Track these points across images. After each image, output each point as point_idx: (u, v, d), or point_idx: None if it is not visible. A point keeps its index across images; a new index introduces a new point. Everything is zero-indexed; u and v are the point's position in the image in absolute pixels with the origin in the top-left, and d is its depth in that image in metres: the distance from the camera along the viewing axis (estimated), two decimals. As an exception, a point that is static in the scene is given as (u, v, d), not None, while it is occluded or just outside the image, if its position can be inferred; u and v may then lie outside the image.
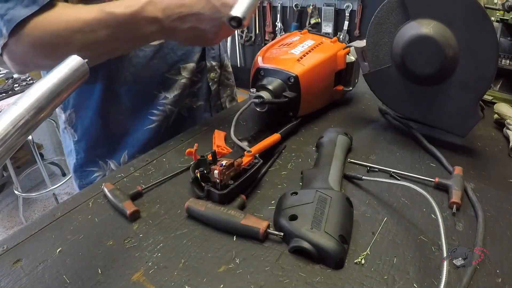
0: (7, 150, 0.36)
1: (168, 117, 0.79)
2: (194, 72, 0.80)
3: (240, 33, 3.99)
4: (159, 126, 0.78)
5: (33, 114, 0.38)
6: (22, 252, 0.44)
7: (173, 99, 0.78)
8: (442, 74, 0.60)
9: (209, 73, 0.83)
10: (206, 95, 0.84)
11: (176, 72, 0.77)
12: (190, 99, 0.82)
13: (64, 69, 0.43)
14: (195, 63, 0.79)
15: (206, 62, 0.82)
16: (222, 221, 0.45)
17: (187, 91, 0.80)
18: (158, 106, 0.77)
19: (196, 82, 0.82)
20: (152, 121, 0.77)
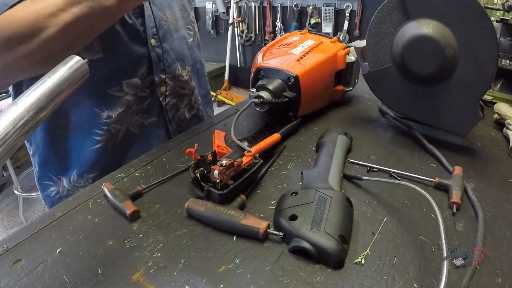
0: (7, 150, 0.36)
1: (114, 136, 0.75)
2: (140, 88, 0.75)
3: (240, 33, 3.99)
4: (104, 146, 0.74)
5: (33, 114, 0.38)
6: (22, 252, 0.44)
7: (118, 118, 0.73)
8: (442, 74, 0.60)
9: (159, 87, 0.79)
10: (158, 111, 0.80)
11: (118, 88, 0.73)
12: (140, 116, 0.78)
13: (64, 69, 0.43)
14: (139, 79, 0.75)
15: (155, 77, 0.77)
16: (222, 221, 0.45)
17: (134, 108, 0.76)
18: (101, 126, 0.73)
19: (145, 98, 0.78)
20: (96, 141, 0.74)
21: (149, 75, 0.77)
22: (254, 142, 0.63)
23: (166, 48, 0.79)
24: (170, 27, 0.80)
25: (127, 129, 0.77)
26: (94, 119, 0.73)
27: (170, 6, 0.81)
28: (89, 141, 0.74)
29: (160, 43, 0.78)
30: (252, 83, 0.72)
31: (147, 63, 0.76)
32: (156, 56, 0.77)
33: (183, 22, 0.86)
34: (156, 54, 0.77)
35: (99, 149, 0.74)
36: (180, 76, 0.84)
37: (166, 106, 0.81)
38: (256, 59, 0.76)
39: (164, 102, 0.81)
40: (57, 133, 0.74)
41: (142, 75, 0.76)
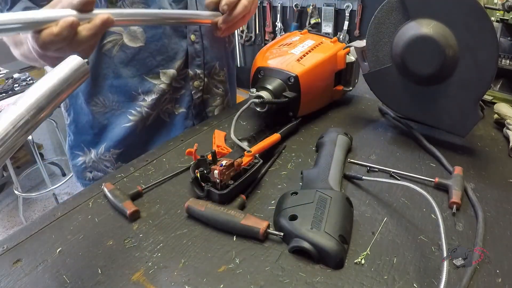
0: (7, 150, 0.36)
1: (145, 119, 0.79)
2: (175, 78, 0.79)
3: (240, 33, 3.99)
4: (134, 126, 0.79)
5: (33, 114, 0.38)
6: (22, 252, 0.44)
7: (151, 103, 0.78)
8: (442, 74, 0.60)
9: (192, 81, 0.82)
10: (188, 103, 0.83)
11: (155, 76, 0.78)
12: (171, 105, 0.82)
13: (64, 69, 0.43)
14: (175, 70, 0.79)
15: (189, 70, 0.81)
16: (222, 221, 0.45)
17: (167, 97, 0.80)
18: (136, 107, 0.78)
19: (179, 89, 0.82)
20: (129, 120, 0.78)
21: (185, 68, 0.80)
22: (254, 142, 0.63)
23: (206, 45, 0.82)
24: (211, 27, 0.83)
25: (158, 115, 0.80)
26: (131, 100, 0.78)
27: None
28: (122, 119, 0.79)
29: (200, 39, 0.81)
30: (252, 83, 0.72)
31: (185, 57, 0.80)
32: (194, 51, 0.80)
33: None
34: (194, 49, 0.80)
35: (129, 127, 0.78)
36: (217, 75, 0.87)
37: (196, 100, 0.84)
38: (256, 59, 0.76)
39: (196, 96, 0.84)
40: (96, 108, 0.79)
41: (179, 67, 0.79)
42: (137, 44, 0.74)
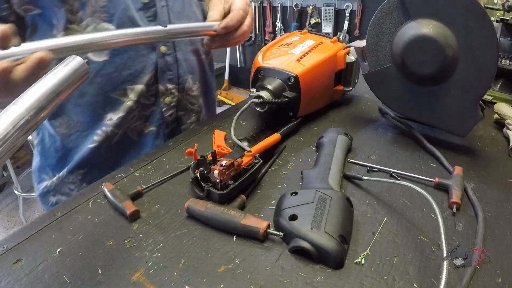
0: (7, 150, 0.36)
1: (110, 138, 0.74)
2: (144, 95, 0.74)
3: (240, 33, 3.98)
4: (99, 146, 0.74)
5: (33, 114, 0.38)
6: (22, 252, 0.44)
7: (117, 121, 0.73)
8: (442, 74, 0.60)
9: (163, 97, 0.76)
10: (159, 121, 0.77)
11: (121, 93, 0.72)
12: (140, 123, 0.76)
13: (64, 69, 0.43)
14: (144, 85, 0.73)
15: (159, 86, 0.75)
16: (222, 221, 0.45)
17: (135, 114, 0.74)
18: (102, 127, 0.73)
19: (148, 106, 0.76)
20: (93, 140, 0.73)
21: (155, 83, 0.75)
22: (254, 142, 0.63)
23: (179, 58, 0.77)
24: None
25: (125, 133, 0.75)
26: (96, 119, 0.73)
27: (189, 17, 0.79)
28: (88, 140, 0.74)
29: (173, 51, 0.76)
30: (252, 83, 0.72)
31: (154, 71, 0.74)
32: (165, 64, 0.75)
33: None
34: (164, 62, 0.75)
35: (93, 148, 0.74)
36: (190, 90, 0.81)
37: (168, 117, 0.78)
38: (256, 59, 0.76)
39: (167, 113, 0.78)
40: (60, 130, 0.74)
41: (148, 82, 0.74)
42: (101, 58, 0.68)
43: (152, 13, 0.71)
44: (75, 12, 0.64)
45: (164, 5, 0.73)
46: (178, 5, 0.76)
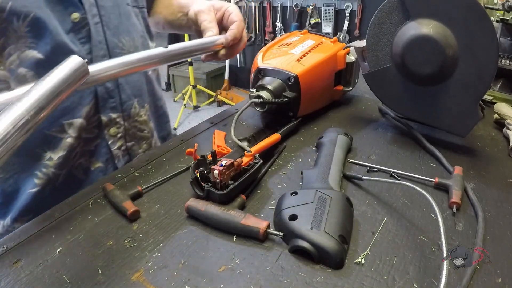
0: (7, 150, 0.36)
1: (53, 180, 0.65)
2: (85, 129, 0.66)
3: (240, 33, 3.99)
4: (42, 190, 0.65)
5: (33, 114, 0.38)
6: (22, 252, 0.44)
7: (58, 161, 0.64)
8: (442, 74, 0.60)
9: (107, 128, 0.68)
10: (106, 156, 0.69)
11: (58, 130, 0.63)
12: (86, 159, 0.68)
13: (64, 69, 0.43)
14: (83, 119, 0.65)
15: (102, 116, 0.67)
16: (222, 221, 0.45)
17: (78, 151, 0.66)
18: (42, 168, 0.64)
19: (92, 139, 0.68)
20: (35, 184, 0.64)
21: (96, 114, 0.67)
22: (254, 142, 0.63)
23: (121, 82, 0.69)
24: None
25: (69, 173, 0.67)
26: (35, 159, 0.64)
27: (129, 31, 0.71)
28: (28, 183, 0.65)
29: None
30: (252, 83, 0.72)
31: (94, 100, 0.66)
32: (105, 92, 0.67)
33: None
34: (105, 89, 0.66)
35: (36, 193, 0.65)
36: (137, 116, 0.73)
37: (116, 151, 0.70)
38: (256, 59, 0.76)
39: (114, 146, 0.70)
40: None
41: (88, 114, 0.65)
42: None
43: (85, 33, 0.63)
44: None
45: (97, 22, 0.65)
46: (114, 20, 0.67)
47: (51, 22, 0.59)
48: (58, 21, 0.60)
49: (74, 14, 0.62)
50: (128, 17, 0.71)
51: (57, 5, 0.60)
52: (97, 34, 0.64)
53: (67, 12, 0.61)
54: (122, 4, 0.70)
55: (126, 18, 0.71)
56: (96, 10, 0.64)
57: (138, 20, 0.75)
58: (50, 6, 0.59)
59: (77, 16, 0.62)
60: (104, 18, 0.66)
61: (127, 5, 0.71)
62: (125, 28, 0.70)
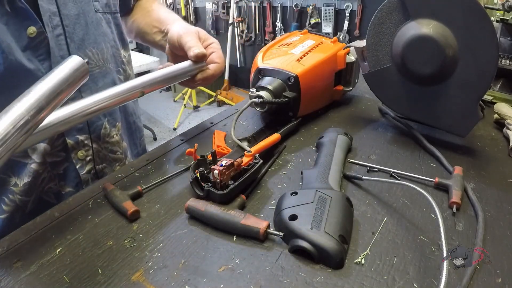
0: (7, 150, 0.36)
1: (21, 207, 0.61)
2: (50, 153, 0.61)
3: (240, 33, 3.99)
4: (11, 217, 0.61)
5: (33, 114, 0.38)
6: (22, 252, 0.44)
7: (24, 188, 0.60)
8: (442, 74, 0.60)
9: (75, 152, 0.63)
10: (76, 180, 0.65)
11: (21, 154, 0.59)
12: (55, 183, 0.64)
13: (64, 69, 0.43)
14: (47, 143, 0.60)
15: (67, 139, 0.62)
16: (222, 221, 0.45)
17: (45, 176, 0.62)
18: (8, 194, 0.60)
19: (59, 163, 0.63)
20: (3, 210, 0.61)
21: (61, 136, 0.62)
22: (254, 142, 0.63)
23: None
24: (94, 70, 0.64)
25: (39, 198, 0.63)
26: (1, 185, 0.60)
27: (97, 43, 0.64)
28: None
29: (78, 93, 0.61)
30: (252, 83, 0.72)
31: None
32: None
33: (114, 64, 0.70)
34: None
35: (5, 219, 0.61)
36: (107, 137, 0.68)
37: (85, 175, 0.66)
38: (256, 59, 0.76)
39: (83, 170, 0.65)
40: None
41: (52, 137, 0.60)
42: None
43: (44, 49, 0.57)
44: None
45: (60, 34, 0.59)
46: (79, 30, 0.61)
47: (5, 39, 0.53)
48: (13, 37, 0.54)
49: (30, 29, 0.55)
50: (96, 26, 0.65)
51: (12, 19, 0.53)
52: (58, 48, 0.58)
53: (23, 26, 0.55)
54: (89, 12, 0.63)
55: (94, 28, 0.64)
56: (58, 19, 0.58)
57: (110, 27, 0.69)
58: (4, 20, 0.53)
59: (34, 30, 0.55)
60: (68, 29, 0.60)
61: (96, 12, 0.65)
62: (93, 39, 0.64)
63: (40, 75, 0.56)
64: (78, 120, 0.49)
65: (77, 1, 0.61)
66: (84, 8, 0.62)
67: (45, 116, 0.40)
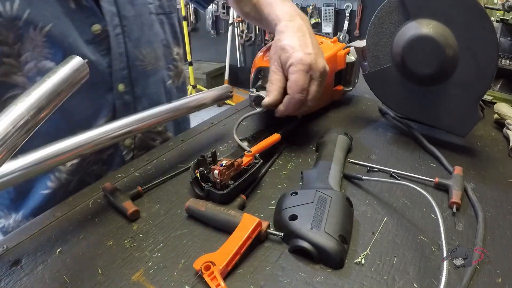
0: (7, 150, 0.36)
1: (65, 185, 0.66)
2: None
3: (240, 33, 3.99)
4: (53, 193, 0.65)
5: (33, 114, 0.38)
6: (22, 252, 0.44)
7: (70, 168, 0.64)
8: (442, 74, 0.60)
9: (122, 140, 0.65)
10: (119, 165, 0.68)
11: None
12: (98, 167, 0.68)
13: (65, 69, 0.43)
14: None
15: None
16: (222, 221, 0.45)
17: (90, 159, 0.67)
18: (55, 172, 0.65)
19: (106, 149, 0.67)
20: (47, 186, 0.65)
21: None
22: (254, 142, 0.63)
23: (139, 94, 0.68)
24: (146, 68, 0.69)
25: (81, 179, 0.67)
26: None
27: (150, 42, 0.69)
28: (40, 184, 0.66)
29: (131, 87, 0.66)
30: (252, 83, 0.72)
31: (111, 113, 0.65)
32: (123, 104, 0.66)
33: (164, 62, 0.74)
34: (123, 102, 0.66)
35: (48, 194, 0.65)
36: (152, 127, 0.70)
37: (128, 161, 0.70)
38: (256, 59, 0.76)
39: (128, 156, 0.70)
40: None
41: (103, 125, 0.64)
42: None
43: (105, 45, 0.62)
44: (11, 44, 0.55)
45: (119, 33, 0.63)
46: (136, 30, 0.66)
47: (71, 34, 0.57)
48: (78, 32, 0.58)
49: (95, 26, 0.60)
50: (150, 27, 0.69)
51: (77, 15, 0.58)
52: (117, 46, 0.63)
53: (88, 23, 0.60)
54: (144, 14, 0.68)
55: (148, 28, 0.68)
56: (118, 20, 0.63)
57: (163, 28, 0.73)
58: (70, 16, 0.57)
59: (98, 28, 0.61)
60: (126, 29, 0.64)
61: (150, 14, 0.69)
62: (147, 39, 0.68)
63: (102, 68, 0.62)
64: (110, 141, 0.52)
65: (134, 4, 0.66)
66: (141, 10, 0.67)
67: (45, 116, 0.40)
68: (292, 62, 0.58)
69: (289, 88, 0.58)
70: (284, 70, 0.60)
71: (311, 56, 0.58)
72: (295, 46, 0.59)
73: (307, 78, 0.58)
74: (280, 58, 0.60)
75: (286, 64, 0.59)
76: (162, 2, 0.72)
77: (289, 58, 0.58)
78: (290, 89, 0.58)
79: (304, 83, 0.57)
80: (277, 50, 0.61)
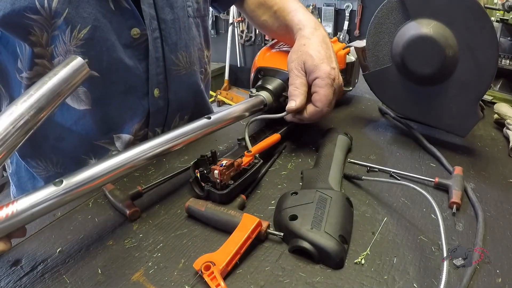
0: (7, 149, 0.36)
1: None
2: (132, 142, 0.66)
3: (240, 33, 3.99)
4: None
5: (33, 114, 0.38)
6: (22, 252, 0.44)
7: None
8: (442, 74, 0.60)
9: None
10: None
11: (108, 141, 0.64)
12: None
13: (64, 69, 0.43)
14: (132, 135, 0.65)
15: (149, 131, 0.67)
16: (222, 221, 0.45)
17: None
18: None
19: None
20: None
21: (143, 129, 0.67)
22: (254, 142, 0.63)
23: (171, 98, 0.68)
24: (180, 72, 0.68)
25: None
26: (80, 164, 0.64)
27: (187, 46, 0.68)
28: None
29: (165, 92, 0.66)
30: (252, 83, 0.72)
31: (145, 118, 0.66)
32: (157, 109, 0.67)
33: (198, 65, 0.74)
34: (156, 107, 0.66)
35: None
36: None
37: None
38: (256, 59, 0.76)
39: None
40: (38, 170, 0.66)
41: (137, 130, 0.66)
42: (81, 106, 0.60)
43: (143, 50, 0.61)
44: (44, 46, 0.54)
45: (157, 37, 0.62)
46: (173, 35, 0.65)
47: (109, 37, 0.56)
48: (116, 35, 0.57)
49: (135, 30, 0.59)
50: (188, 31, 0.68)
51: (116, 17, 0.57)
52: (155, 50, 0.62)
53: (127, 26, 0.58)
54: (182, 18, 0.66)
55: (186, 32, 0.67)
56: (156, 23, 0.61)
57: (198, 31, 0.72)
58: (109, 18, 0.56)
59: (138, 32, 0.59)
60: (164, 33, 0.63)
61: (188, 17, 0.68)
62: (184, 43, 0.67)
63: (138, 73, 0.61)
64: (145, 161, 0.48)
65: (173, 7, 0.64)
66: (179, 13, 0.66)
67: (45, 116, 0.40)
68: (320, 75, 0.58)
69: (319, 101, 0.59)
70: (306, 76, 0.60)
71: (335, 71, 0.60)
72: (322, 57, 0.60)
73: (332, 92, 0.59)
74: (305, 64, 0.60)
75: (312, 73, 0.59)
76: (199, 4, 0.71)
77: (316, 68, 0.59)
78: (319, 102, 0.58)
79: (332, 97, 0.59)
80: (301, 55, 0.61)
